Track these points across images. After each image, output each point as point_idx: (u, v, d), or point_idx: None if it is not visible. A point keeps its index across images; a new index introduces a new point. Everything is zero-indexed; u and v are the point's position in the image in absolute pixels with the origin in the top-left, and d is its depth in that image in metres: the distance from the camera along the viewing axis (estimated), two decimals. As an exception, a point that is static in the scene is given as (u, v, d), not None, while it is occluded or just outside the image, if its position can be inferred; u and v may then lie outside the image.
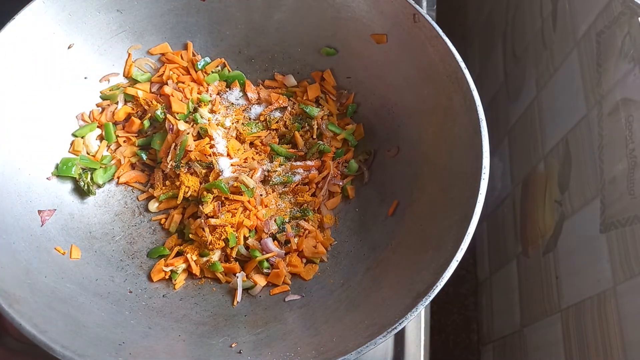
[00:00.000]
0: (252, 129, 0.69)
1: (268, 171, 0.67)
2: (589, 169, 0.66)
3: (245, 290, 0.62)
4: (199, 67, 0.71)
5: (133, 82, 0.69)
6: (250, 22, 0.69)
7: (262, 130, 0.70)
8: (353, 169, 0.68)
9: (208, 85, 0.71)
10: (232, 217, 0.62)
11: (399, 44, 0.63)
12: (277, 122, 0.70)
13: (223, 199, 0.62)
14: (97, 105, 0.68)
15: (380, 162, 0.68)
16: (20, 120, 0.59)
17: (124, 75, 0.69)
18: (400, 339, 0.66)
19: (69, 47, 0.63)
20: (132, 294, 0.59)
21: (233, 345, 0.54)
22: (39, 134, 0.61)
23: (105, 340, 0.50)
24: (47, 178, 0.62)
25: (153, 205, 0.66)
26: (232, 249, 0.62)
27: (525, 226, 0.84)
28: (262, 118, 0.71)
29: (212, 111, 0.69)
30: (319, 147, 0.68)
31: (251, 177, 0.64)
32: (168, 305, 0.59)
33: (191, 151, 0.63)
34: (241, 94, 0.72)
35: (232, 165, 0.64)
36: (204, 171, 0.63)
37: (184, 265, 0.62)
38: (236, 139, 0.68)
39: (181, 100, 0.68)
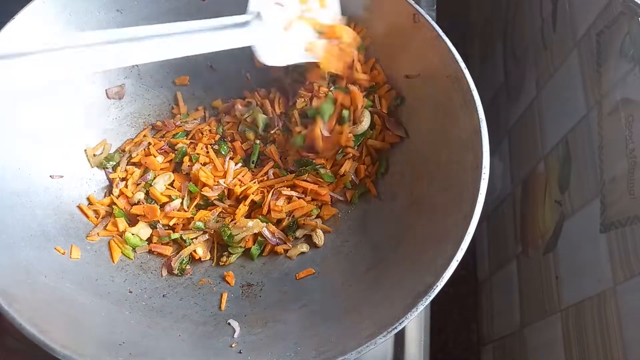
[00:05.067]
0: None
1: None
2: (589, 169, 0.66)
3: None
4: None
5: None
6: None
7: None
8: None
9: None
10: None
11: (400, 45, 0.63)
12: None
13: None
14: None
15: (380, 163, 0.68)
16: (19, 121, 0.59)
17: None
18: (400, 339, 0.66)
19: (69, 47, 0.63)
20: (132, 293, 0.59)
21: (233, 345, 0.54)
22: (38, 133, 0.61)
23: (105, 340, 0.50)
24: (51, 176, 0.62)
25: None
26: None
27: (525, 226, 0.84)
28: None
29: None
30: None
31: None
32: (168, 305, 0.59)
33: None
34: None
35: None
36: None
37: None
38: None
39: None
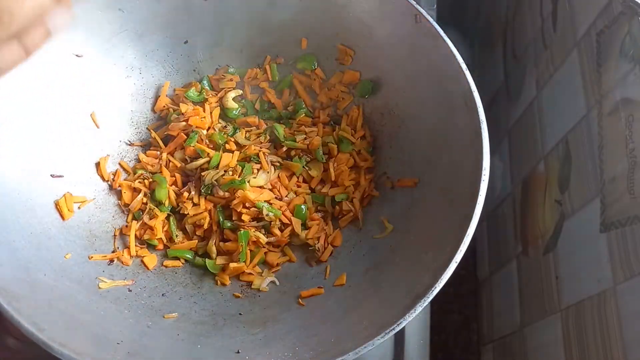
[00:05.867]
0: None
1: None
2: (589, 169, 0.66)
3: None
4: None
5: None
6: (252, 22, 0.69)
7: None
8: None
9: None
10: None
11: (400, 45, 0.63)
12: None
13: None
14: None
15: (380, 163, 0.68)
16: (19, 118, 0.59)
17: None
18: (400, 339, 0.66)
19: (69, 46, 0.63)
20: (131, 292, 0.59)
21: (232, 345, 0.54)
22: (38, 131, 0.61)
23: (103, 338, 0.51)
24: (51, 175, 0.62)
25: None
26: None
27: (526, 226, 0.84)
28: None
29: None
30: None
31: None
32: (167, 304, 0.59)
33: None
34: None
35: None
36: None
37: None
38: None
39: None
